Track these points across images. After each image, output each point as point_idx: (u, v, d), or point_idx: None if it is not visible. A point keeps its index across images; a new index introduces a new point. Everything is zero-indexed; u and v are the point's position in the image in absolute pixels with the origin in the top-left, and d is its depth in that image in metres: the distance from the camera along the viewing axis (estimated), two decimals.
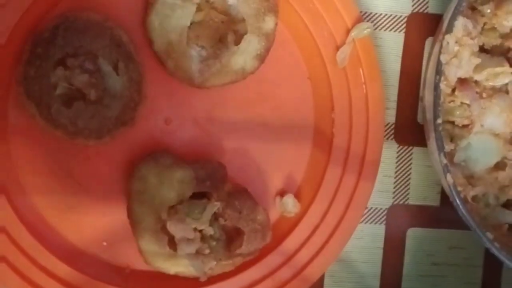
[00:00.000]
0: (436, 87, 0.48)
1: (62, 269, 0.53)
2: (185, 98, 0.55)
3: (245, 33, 0.52)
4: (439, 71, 0.48)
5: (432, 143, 0.50)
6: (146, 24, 0.52)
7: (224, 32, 0.53)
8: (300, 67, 0.57)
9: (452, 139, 0.53)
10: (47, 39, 0.49)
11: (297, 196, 0.57)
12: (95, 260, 0.55)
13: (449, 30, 0.48)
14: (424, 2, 0.58)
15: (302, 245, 0.56)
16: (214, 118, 0.56)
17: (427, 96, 0.51)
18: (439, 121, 0.49)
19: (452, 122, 0.53)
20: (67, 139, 0.51)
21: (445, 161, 0.49)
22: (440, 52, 0.48)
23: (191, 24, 0.52)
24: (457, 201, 0.49)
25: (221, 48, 0.53)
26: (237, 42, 0.53)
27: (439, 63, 0.48)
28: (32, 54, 0.49)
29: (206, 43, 0.53)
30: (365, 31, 0.54)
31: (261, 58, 0.53)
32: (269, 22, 0.53)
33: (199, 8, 0.52)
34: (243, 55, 0.53)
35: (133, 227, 0.52)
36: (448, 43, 0.48)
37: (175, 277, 0.53)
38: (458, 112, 0.52)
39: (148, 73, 0.53)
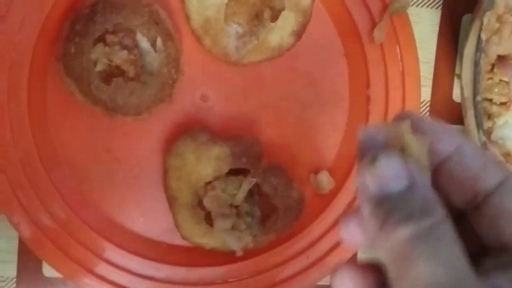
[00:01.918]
0: (477, 64, 0.48)
1: (100, 243, 0.53)
2: (221, 75, 0.55)
3: (282, 9, 0.52)
4: (479, 48, 0.48)
5: (470, 120, 0.50)
6: (184, 0, 0.51)
7: (261, 9, 0.53)
8: (336, 43, 0.57)
9: (489, 116, 0.52)
10: (86, 16, 0.49)
11: (332, 173, 0.57)
12: (132, 235, 0.55)
13: (490, 7, 0.48)
14: None
15: (336, 222, 0.56)
16: (249, 95, 0.56)
17: (466, 73, 0.51)
18: (479, 98, 0.48)
19: (490, 100, 0.52)
20: (106, 115, 0.51)
21: (483, 138, 0.49)
22: (480, 29, 0.48)
23: (228, 1, 0.51)
24: None
25: (258, 25, 0.53)
26: (274, 18, 0.53)
27: (479, 40, 0.48)
28: (71, 31, 0.50)
29: (243, 20, 0.53)
30: (403, 8, 0.54)
31: (298, 34, 0.53)
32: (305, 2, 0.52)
33: None
34: (280, 32, 0.53)
35: (170, 202, 0.53)
36: (489, 20, 0.48)
37: (211, 252, 0.54)
38: (496, 90, 0.51)
39: (185, 49, 0.53)
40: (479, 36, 0.48)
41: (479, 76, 0.48)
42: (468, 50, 0.51)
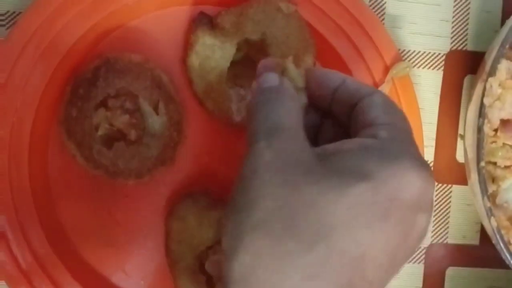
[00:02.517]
0: (480, 130, 0.47)
1: None
2: (223, 137, 0.55)
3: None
4: (482, 114, 0.48)
5: (475, 185, 0.50)
6: (187, 64, 0.52)
7: None
8: None
9: (494, 180, 0.52)
10: (89, 80, 0.50)
11: None
12: None
13: (492, 73, 0.48)
14: (463, 40, 0.58)
15: None
16: None
17: (469, 137, 0.51)
18: (483, 164, 0.48)
19: (494, 163, 0.52)
20: (107, 179, 0.51)
21: (489, 204, 0.48)
22: (483, 95, 0.48)
23: (230, 64, 0.52)
24: (501, 244, 0.49)
25: None
26: None
27: (482, 106, 0.48)
28: (73, 95, 0.50)
29: (245, 82, 0.53)
30: (404, 71, 0.54)
31: None
32: (307, 62, 0.52)
33: (238, 48, 0.52)
34: None
35: (171, 266, 0.52)
36: (491, 86, 0.48)
37: None
38: (500, 153, 0.51)
39: (188, 112, 0.53)
40: (481, 101, 0.48)
41: (482, 142, 0.47)
42: (471, 114, 0.51)
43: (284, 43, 0.51)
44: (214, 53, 0.51)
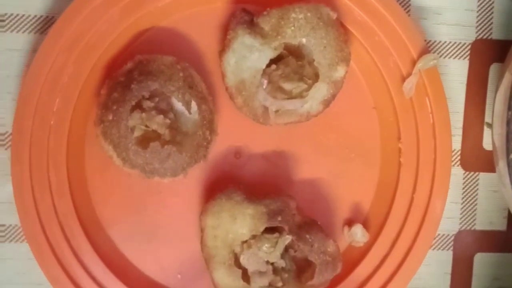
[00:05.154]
0: (509, 123, 0.48)
1: None
2: (254, 133, 0.56)
3: (312, 77, 0.53)
4: (510, 106, 0.48)
5: (503, 173, 0.50)
6: (221, 58, 0.52)
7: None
8: (366, 97, 0.58)
9: None
10: (122, 83, 0.50)
11: (366, 225, 0.57)
12: None
13: None
14: (488, 29, 0.58)
15: (372, 275, 0.56)
16: (281, 151, 0.57)
17: (497, 126, 0.51)
18: None
19: None
20: (143, 178, 0.52)
21: None
22: (511, 87, 0.48)
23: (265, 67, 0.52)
24: None
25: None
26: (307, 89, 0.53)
27: (511, 98, 0.48)
28: (108, 98, 0.51)
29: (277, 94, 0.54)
30: (431, 62, 0.54)
31: (327, 103, 0.54)
32: (340, 71, 0.53)
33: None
34: (310, 101, 0.53)
35: (207, 260, 0.54)
36: None
37: None
38: None
39: (218, 109, 0.54)
40: (510, 93, 0.48)
41: (511, 134, 0.48)
42: (498, 104, 0.51)
43: (321, 52, 0.52)
44: (251, 54, 0.51)
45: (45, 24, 0.53)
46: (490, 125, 0.57)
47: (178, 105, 0.52)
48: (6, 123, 0.54)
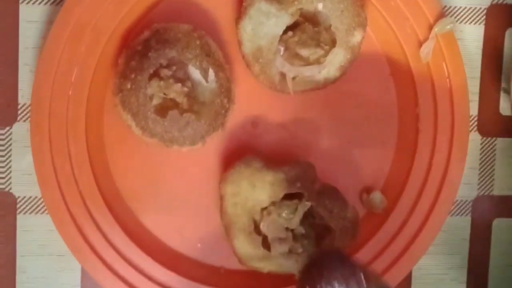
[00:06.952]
0: None
1: (158, 270, 0.55)
2: (271, 101, 0.56)
3: (329, 43, 0.53)
4: None
5: None
6: (238, 26, 0.52)
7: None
8: (382, 64, 0.57)
9: None
10: (140, 52, 0.51)
11: (384, 191, 0.57)
12: (190, 262, 0.56)
13: None
14: None
15: (391, 241, 0.56)
16: (299, 119, 0.57)
17: None
18: None
19: None
20: (162, 147, 0.52)
21: None
22: None
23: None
24: None
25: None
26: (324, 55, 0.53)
27: None
28: (126, 67, 0.51)
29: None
30: (448, 27, 0.54)
31: (344, 69, 0.54)
32: (357, 36, 0.53)
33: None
34: (327, 67, 0.53)
35: (226, 228, 0.54)
36: None
37: (269, 276, 0.54)
38: None
39: (235, 77, 0.54)
40: None
41: None
42: None
43: (338, 17, 0.52)
44: (268, 20, 0.51)
45: None
46: (507, 90, 0.57)
47: (195, 74, 0.52)
48: (24, 95, 0.54)
